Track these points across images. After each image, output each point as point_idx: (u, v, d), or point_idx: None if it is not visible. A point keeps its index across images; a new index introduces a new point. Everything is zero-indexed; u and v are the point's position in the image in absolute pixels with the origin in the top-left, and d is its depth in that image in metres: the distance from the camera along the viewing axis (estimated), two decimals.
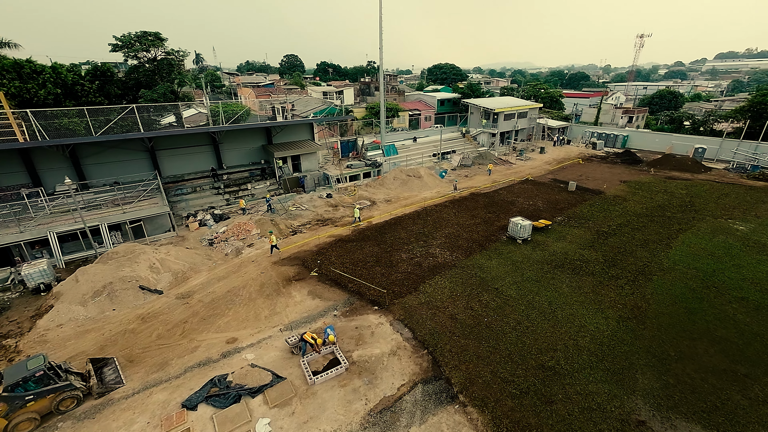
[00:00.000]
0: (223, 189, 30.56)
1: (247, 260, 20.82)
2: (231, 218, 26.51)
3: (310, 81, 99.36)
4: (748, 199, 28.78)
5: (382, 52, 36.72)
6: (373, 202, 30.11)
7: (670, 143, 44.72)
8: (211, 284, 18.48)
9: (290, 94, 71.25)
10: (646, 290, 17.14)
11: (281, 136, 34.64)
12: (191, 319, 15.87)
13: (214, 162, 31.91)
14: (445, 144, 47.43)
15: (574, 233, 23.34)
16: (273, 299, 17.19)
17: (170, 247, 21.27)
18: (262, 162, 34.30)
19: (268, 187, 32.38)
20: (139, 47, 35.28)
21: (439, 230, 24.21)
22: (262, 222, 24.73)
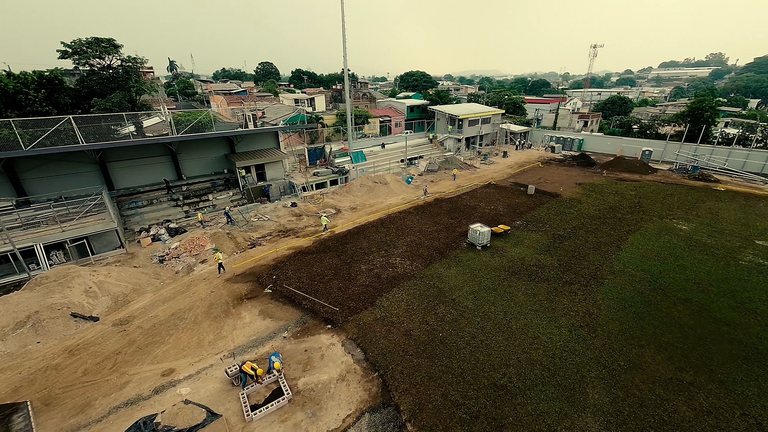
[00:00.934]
0: (183, 201, 28.25)
1: (198, 278, 18.90)
2: (188, 232, 24.36)
3: (285, 88, 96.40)
4: (689, 199, 29.37)
5: (346, 60, 35.35)
6: (338, 210, 28.68)
7: (620, 146, 45.75)
8: (155, 307, 16.51)
9: (263, 101, 68.56)
10: (598, 295, 16.63)
11: (245, 145, 32.61)
12: (126, 349, 13.93)
13: (173, 173, 29.52)
14: (413, 149, 46.59)
15: (532, 237, 22.80)
16: (220, 321, 15.46)
17: (113, 267, 19.02)
18: (225, 171, 32.15)
19: (232, 197, 30.30)
20: (90, 54, 32.24)
21: (401, 238, 23.09)
22: (218, 236, 22.76)
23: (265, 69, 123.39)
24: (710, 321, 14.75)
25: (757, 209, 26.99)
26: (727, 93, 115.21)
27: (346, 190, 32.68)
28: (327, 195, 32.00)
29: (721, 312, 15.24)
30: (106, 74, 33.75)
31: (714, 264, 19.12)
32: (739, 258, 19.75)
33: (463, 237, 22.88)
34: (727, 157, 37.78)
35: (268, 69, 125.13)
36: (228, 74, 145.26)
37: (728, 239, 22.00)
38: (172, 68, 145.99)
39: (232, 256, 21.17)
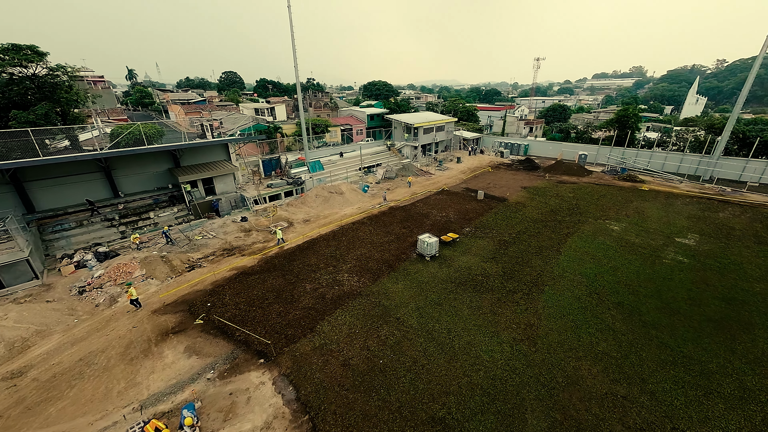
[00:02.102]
0: (119, 220, 24.68)
1: (121, 311, 16.02)
2: (120, 256, 21.08)
3: (248, 98, 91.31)
4: (619, 199, 30.17)
5: (297, 70, 33.00)
6: (291, 224, 26.40)
7: (560, 150, 47.01)
8: (61, 351, 13.57)
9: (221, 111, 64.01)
10: (539, 304, 15.87)
11: (192, 158, 29.39)
12: (11, 411, 11.05)
13: (108, 190, 25.79)
14: (372, 157, 45.04)
15: (479, 245, 21.95)
16: (137, 364, 12.89)
17: (13, 306, 15.63)
18: (170, 186, 28.71)
19: (177, 213, 27.03)
20: (7, 62, 27.49)
21: (351, 251, 21.35)
22: (150, 260, 19.76)
23: (229, 78, 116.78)
24: (640, 325, 14.37)
25: (675, 207, 28.12)
26: (647, 101, 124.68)
27: (301, 202, 30.42)
28: (281, 207, 29.57)
29: (649, 315, 14.95)
30: (29, 84, 29.00)
31: (642, 264, 19.16)
32: (662, 256, 20.01)
33: (413, 247, 21.57)
34: (649, 159, 39.76)
35: (232, 78, 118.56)
36: (191, 83, 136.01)
37: (653, 238, 22.41)
38: (131, 77, 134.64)
39: (165, 282, 18.35)
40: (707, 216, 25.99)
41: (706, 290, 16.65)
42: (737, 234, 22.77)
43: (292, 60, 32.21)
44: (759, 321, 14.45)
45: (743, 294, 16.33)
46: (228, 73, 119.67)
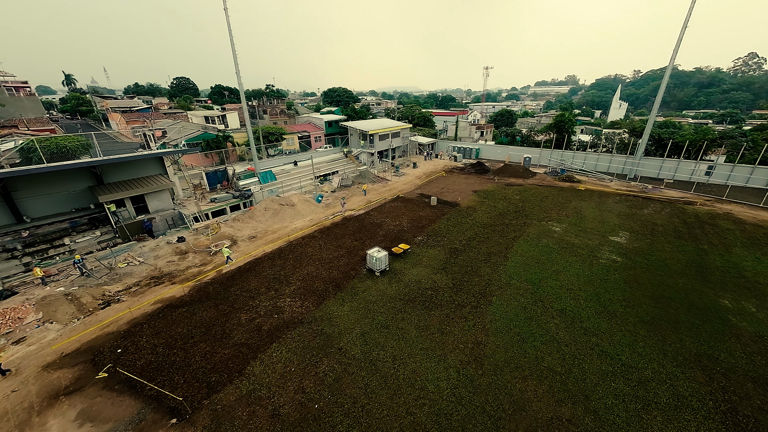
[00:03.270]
0: (22, 250, 20.30)
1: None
2: (19, 294, 17.06)
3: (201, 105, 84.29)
4: (560, 200, 30.84)
5: (239, 76, 29.89)
6: (234, 241, 23.52)
7: (507, 153, 48.02)
8: None
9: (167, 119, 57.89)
10: (486, 317, 14.90)
11: (119, 173, 25.30)
12: None
13: (6, 215, 21.18)
14: (329, 165, 42.76)
15: (430, 255, 20.80)
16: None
17: None
18: (92, 207, 24.45)
19: (99, 237, 22.98)
20: None
21: (297, 270, 19.17)
22: (50, 300, 16.08)
23: (181, 84, 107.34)
24: (582, 332, 13.87)
25: (607, 206, 29.21)
26: (580, 106, 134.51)
27: (249, 216, 27.47)
28: (226, 223, 26.43)
29: (589, 320, 14.55)
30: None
31: (581, 266, 19.10)
32: (599, 256, 20.18)
33: (364, 261, 19.88)
34: (584, 160, 41.66)
35: (185, 84, 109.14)
36: (140, 89, 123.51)
37: (590, 238, 22.73)
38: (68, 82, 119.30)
39: (69, 325, 14.93)
40: (634, 213, 27.17)
41: (638, 289, 16.77)
42: (660, 230, 23.85)
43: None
44: (684, 318, 14.60)
45: (669, 291, 16.62)
46: (180, 78, 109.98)
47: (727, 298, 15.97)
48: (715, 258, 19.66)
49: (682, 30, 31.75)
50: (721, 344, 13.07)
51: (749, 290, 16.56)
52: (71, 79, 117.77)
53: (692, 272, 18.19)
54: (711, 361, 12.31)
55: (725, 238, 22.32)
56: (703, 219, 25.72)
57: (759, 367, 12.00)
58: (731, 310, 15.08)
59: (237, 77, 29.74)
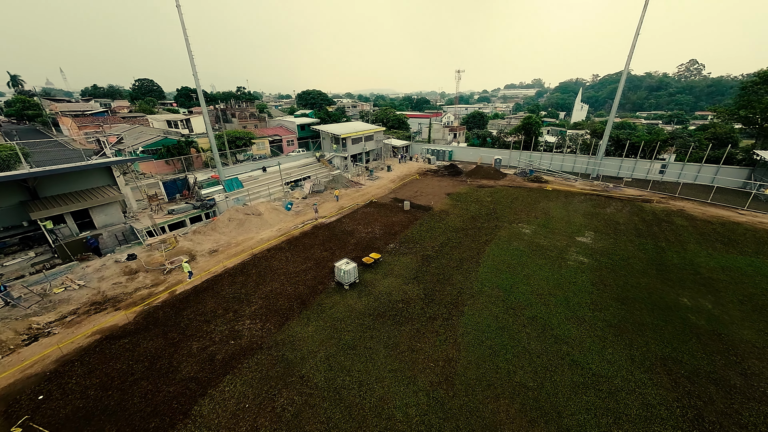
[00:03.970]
0: None
1: None
2: None
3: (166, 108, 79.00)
4: (529, 201, 31.07)
5: (197, 78, 27.62)
6: (193, 257, 21.46)
7: (479, 155, 48.35)
8: None
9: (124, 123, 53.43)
10: (458, 330, 14.16)
11: (59, 186, 22.43)
12: None
13: None
14: (301, 170, 40.98)
15: (402, 263, 19.90)
16: None
17: None
18: (24, 224, 21.47)
19: (34, 259, 20.15)
20: None
21: (260, 287, 17.59)
22: None
23: (144, 86, 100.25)
24: (553, 341, 13.45)
25: (573, 205, 29.73)
26: (546, 107, 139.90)
27: (211, 228, 25.34)
28: (185, 236, 24.18)
29: (560, 327, 14.19)
30: None
31: (550, 268, 18.92)
32: (567, 258, 20.14)
33: (333, 274, 18.63)
34: (550, 161, 42.63)
35: (148, 86, 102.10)
36: (98, 92, 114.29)
37: (558, 239, 22.78)
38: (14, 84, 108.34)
39: None
40: (598, 212, 27.76)
41: (605, 291, 16.73)
42: (622, 228, 24.38)
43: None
44: (648, 320, 14.59)
45: (633, 291, 16.71)
46: (143, 80, 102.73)
47: (685, 296, 16.24)
48: (673, 255, 20.19)
49: (635, 38, 33.04)
50: (683, 345, 13.08)
51: (705, 287, 16.97)
52: (18, 80, 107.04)
53: (653, 271, 18.48)
54: (675, 364, 12.22)
55: (680, 234, 23.13)
56: (659, 216, 26.67)
57: (719, 367, 12.03)
58: (690, 309, 15.29)
59: (195, 79, 27.48)
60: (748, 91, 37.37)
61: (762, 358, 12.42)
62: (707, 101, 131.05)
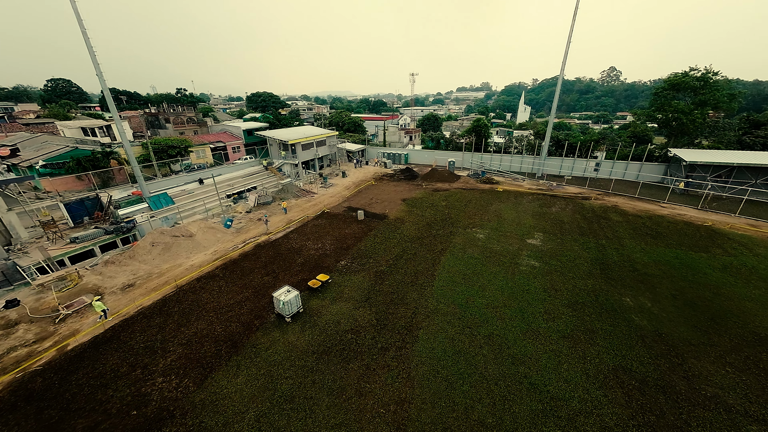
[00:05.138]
0: None
1: None
2: None
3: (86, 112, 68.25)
4: (482, 203, 31.04)
5: (102, 78, 23.04)
6: (101, 295, 17.44)
7: (434, 158, 48.20)
8: None
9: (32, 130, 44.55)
10: (412, 361, 12.64)
11: None
12: None
13: None
14: (246, 180, 37.13)
15: (353, 283, 18.01)
16: None
17: None
18: None
19: None
20: None
21: (182, 330, 14.53)
22: None
23: (59, 87, 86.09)
24: (509, 361, 12.52)
25: (522, 206, 30.24)
26: (494, 109, 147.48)
27: (129, 256, 21.16)
28: (93, 269, 19.82)
29: (516, 345, 13.36)
30: None
31: (504, 276, 18.36)
32: (519, 263, 19.82)
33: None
34: (500, 162, 43.72)
35: (65, 87, 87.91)
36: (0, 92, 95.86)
37: (510, 242, 22.57)
38: None
39: None
40: (545, 212, 28.45)
41: (556, 297, 16.44)
42: (567, 228, 25.03)
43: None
44: (598, 325, 14.41)
45: (582, 294, 16.65)
46: (57, 80, 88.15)
47: (627, 295, 16.53)
48: (612, 253, 20.88)
49: (567, 45, 34.75)
50: (631, 351, 12.93)
51: (642, 284, 17.51)
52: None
53: (597, 271, 18.79)
54: (626, 374, 11.92)
55: (617, 231, 24.28)
56: (598, 213, 28.02)
57: (664, 372, 11.95)
58: (633, 309, 15.49)
59: (100, 79, 22.88)
60: (659, 96, 41.56)
61: (699, 357, 12.65)
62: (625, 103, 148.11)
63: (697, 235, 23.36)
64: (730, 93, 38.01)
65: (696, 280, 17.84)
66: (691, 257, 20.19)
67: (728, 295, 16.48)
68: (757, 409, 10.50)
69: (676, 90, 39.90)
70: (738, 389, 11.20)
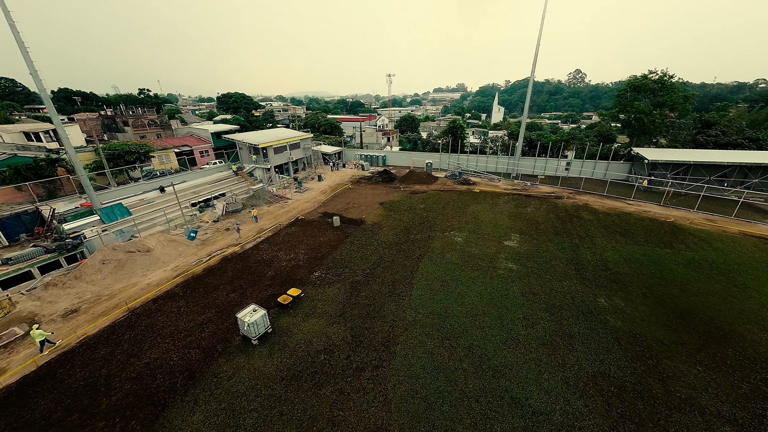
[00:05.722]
0: None
1: None
2: None
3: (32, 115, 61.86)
4: (459, 205, 30.86)
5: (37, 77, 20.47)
6: (38, 323, 15.22)
7: (411, 160, 47.83)
8: None
9: None
10: (389, 381, 11.83)
11: None
12: None
13: None
14: (214, 186, 34.84)
15: (327, 296, 16.96)
16: None
17: None
18: None
19: None
20: None
21: (132, 362, 12.87)
22: None
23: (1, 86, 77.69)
24: (490, 374, 12.02)
25: (499, 206, 30.36)
26: (470, 110, 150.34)
27: (75, 276, 18.85)
28: (30, 294, 17.42)
29: (496, 356, 12.90)
30: None
31: (482, 281, 18.00)
32: (497, 266, 19.58)
33: None
34: (476, 162, 44.02)
35: (10, 87, 79.60)
36: None
37: (488, 245, 22.36)
38: None
39: None
40: (520, 212, 28.66)
41: (534, 301, 16.25)
42: (542, 228, 25.25)
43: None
44: (575, 329, 14.29)
45: (558, 297, 16.57)
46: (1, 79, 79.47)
47: (602, 296, 16.64)
48: (586, 252, 21.17)
49: (536, 48, 35.41)
50: (608, 355, 12.84)
51: (615, 283, 17.75)
52: None
53: (572, 272, 18.88)
54: (605, 380, 11.75)
55: (588, 229, 24.78)
56: (570, 212, 28.59)
57: (640, 376, 11.90)
58: (608, 310, 15.55)
59: (34, 78, 20.28)
60: (622, 98, 43.50)
61: (671, 357, 12.76)
62: (591, 104, 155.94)
63: (661, 231, 24.28)
64: (685, 95, 40.37)
65: (663, 276, 18.34)
66: (658, 254, 20.84)
67: (693, 290, 17.01)
68: (728, 408, 10.60)
69: (637, 92, 41.88)
70: (710, 389, 11.32)
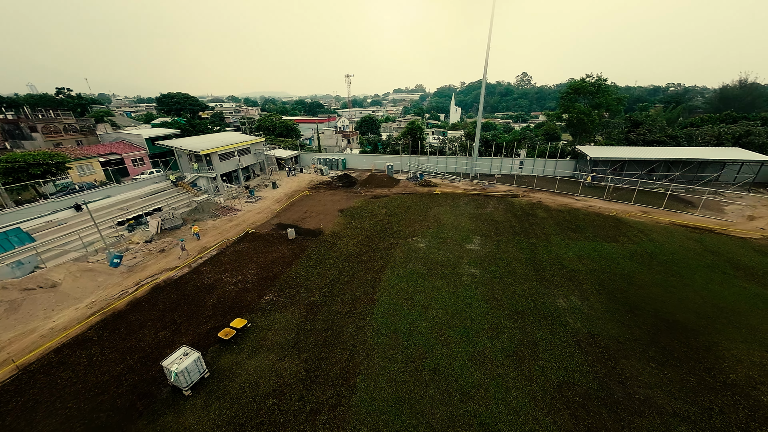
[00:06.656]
0: None
1: None
2: None
3: None
4: (421, 208, 30.32)
5: None
6: None
7: (372, 162, 46.68)
8: None
9: None
10: (349, 423, 10.42)
11: None
12: None
13: None
14: (149, 199, 30.49)
15: (279, 323, 15.05)
16: None
17: None
18: None
19: None
20: None
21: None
22: None
23: None
24: (458, 399, 11.17)
25: (460, 208, 30.36)
26: (429, 110, 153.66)
27: None
28: None
29: (463, 375, 12.12)
30: None
31: (447, 291, 17.33)
32: (460, 273, 19.09)
33: None
34: (436, 163, 44.17)
35: None
36: None
37: (451, 250, 21.90)
38: None
39: None
40: (480, 213, 28.87)
41: (498, 308, 15.89)
42: (501, 228, 25.52)
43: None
44: (538, 335, 14.08)
45: (521, 301, 16.42)
46: None
47: (560, 296, 16.82)
48: (543, 251, 21.60)
49: (487, 52, 36.21)
50: (571, 360, 12.72)
51: (571, 281, 18.14)
52: None
53: (532, 273, 19.01)
54: (570, 389, 11.51)
55: (543, 227, 25.54)
56: (526, 210, 29.45)
57: (602, 380, 11.87)
58: (567, 310, 15.68)
59: None
60: (565, 99, 46.55)
61: (627, 356, 13.00)
62: (537, 104, 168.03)
63: (606, 225, 25.82)
64: (617, 97, 44.28)
65: (612, 270, 19.19)
66: (605, 248, 21.94)
67: (639, 282, 17.94)
68: (682, 405, 10.85)
69: (578, 94, 45.06)
70: (663, 386, 11.58)
